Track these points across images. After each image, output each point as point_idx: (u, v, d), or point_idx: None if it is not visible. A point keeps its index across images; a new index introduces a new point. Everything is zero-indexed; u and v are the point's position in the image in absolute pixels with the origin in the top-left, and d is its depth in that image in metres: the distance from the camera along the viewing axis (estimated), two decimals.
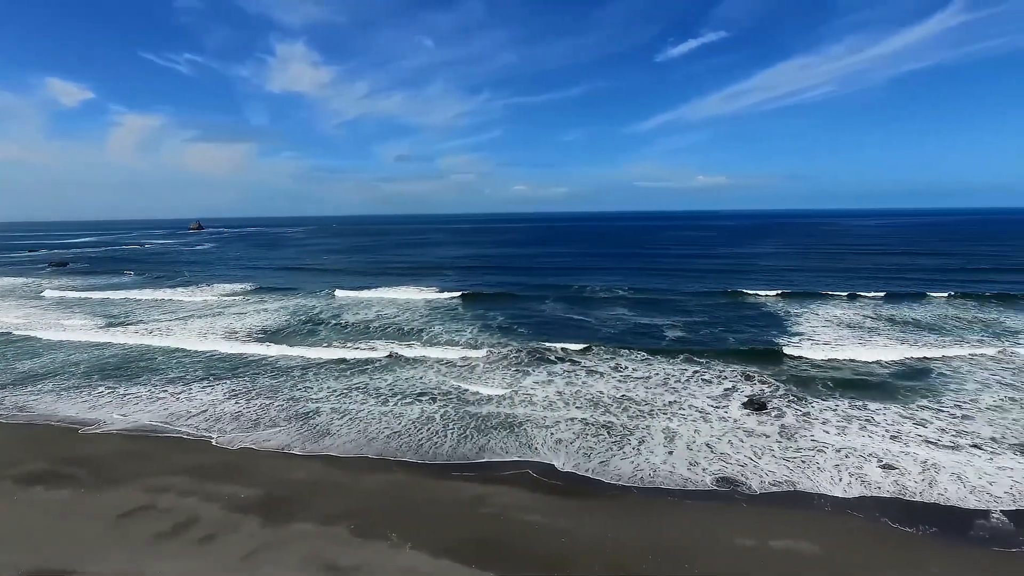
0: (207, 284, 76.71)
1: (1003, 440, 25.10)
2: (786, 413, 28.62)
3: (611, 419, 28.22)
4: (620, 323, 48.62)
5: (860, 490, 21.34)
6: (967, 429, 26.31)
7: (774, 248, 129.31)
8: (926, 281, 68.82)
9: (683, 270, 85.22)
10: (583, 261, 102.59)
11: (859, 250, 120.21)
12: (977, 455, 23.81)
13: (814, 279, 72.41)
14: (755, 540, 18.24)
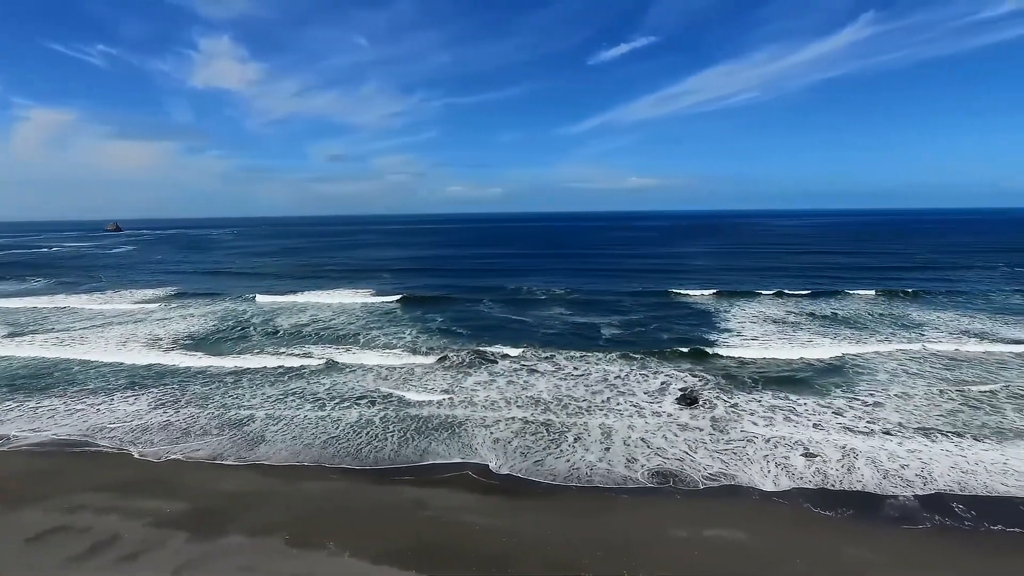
0: (126, 289, 72.52)
1: (908, 425, 26.98)
2: (717, 407, 29.74)
3: (551, 417, 28.54)
4: (558, 323, 49.24)
5: (785, 479, 22.43)
6: (879, 416, 28.13)
7: (704, 248, 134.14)
8: (844, 279, 73.16)
9: (618, 270, 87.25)
10: (520, 262, 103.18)
11: (784, 249, 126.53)
12: (888, 439, 25.49)
13: (742, 278, 75.59)
14: (689, 531, 18.87)
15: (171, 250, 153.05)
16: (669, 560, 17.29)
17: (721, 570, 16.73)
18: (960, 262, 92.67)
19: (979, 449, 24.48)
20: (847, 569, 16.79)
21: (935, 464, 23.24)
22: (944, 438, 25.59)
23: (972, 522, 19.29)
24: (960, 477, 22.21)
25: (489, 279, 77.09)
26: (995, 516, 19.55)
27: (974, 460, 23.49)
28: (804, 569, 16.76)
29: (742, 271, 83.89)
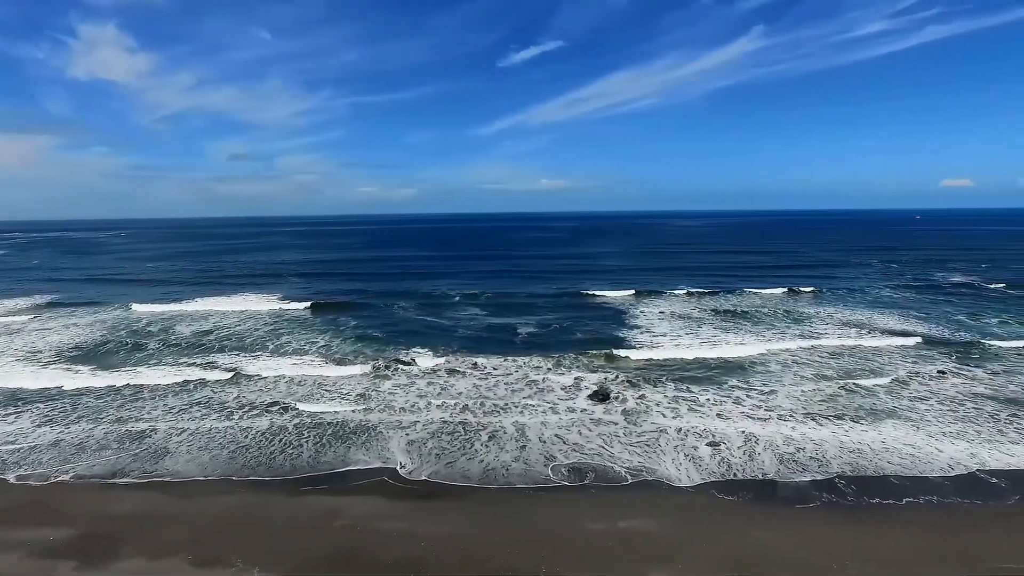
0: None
1: (798, 411, 29.15)
2: (628, 401, 30.83)
3: (469, 418, 28.56)
4: (475, 324, 49.35)
5: (693, 468, 23.60)
6: (774, 404, 30.20)
7: (614, 248, 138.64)
8: (743, 277, 78.07)
9: (533, 271, 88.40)
10: (434, 264, 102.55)
11: (688, 249, 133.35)
12: (783, 425, 27.41)
13: (651, 277, 78.84)
14: (604, 524, 19.46)
15: (50, 255, 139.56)
16: (584, 553, 17.76)
17: (633, 559, 17.38)
18: (840, 260, 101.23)
19: (860, 430, 26.80)
20: (748, 549, 17.89)
21: (825, 445, 25.20)
22: (829, 421, 27.82)
23: (854, 497, 21.09)
24: (846, 456, 24.20)
25: (403, 282, 76.04)
26: (876, 491, 21.45)
27: (856, 440, 25.69)
28: (710, 552, 17.71)
29: (651, 271, 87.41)
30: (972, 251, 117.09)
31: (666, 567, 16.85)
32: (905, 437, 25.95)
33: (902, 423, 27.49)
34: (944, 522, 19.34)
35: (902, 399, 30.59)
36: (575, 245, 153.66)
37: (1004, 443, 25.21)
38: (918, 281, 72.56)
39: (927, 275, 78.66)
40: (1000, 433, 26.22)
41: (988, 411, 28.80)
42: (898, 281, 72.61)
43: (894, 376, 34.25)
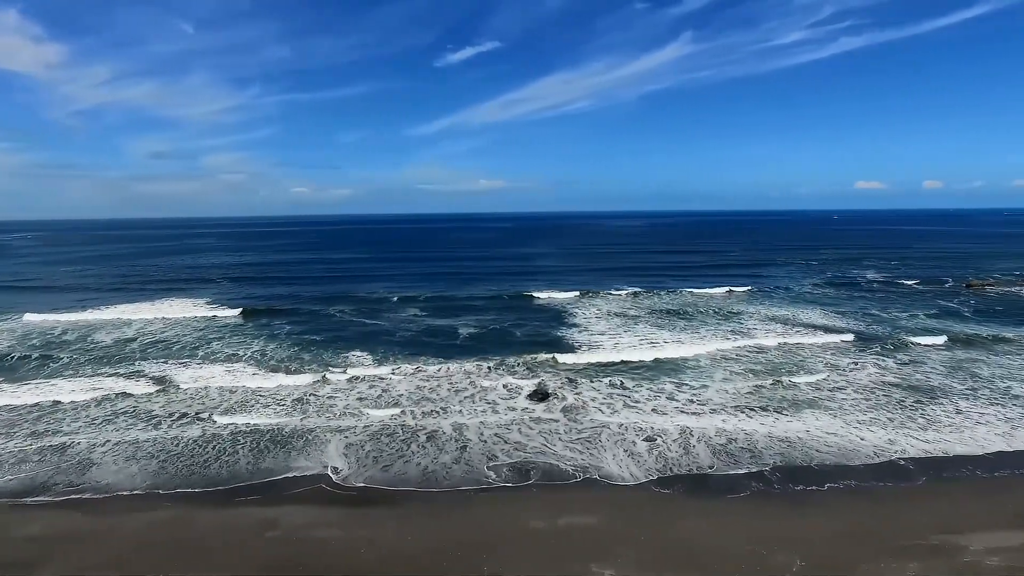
0: None
1: (729, 405, 30.38)
2: (568, 399, 31.29)
3: (409, 421, 28.27)
4: (415, 326, 48.88)
5: (632, 462, 24.20)
6: (706, 398, 31.34)
7: (553, 248, 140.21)
8: (678, 277, 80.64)
9: (472, 273, 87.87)
10: (372, 266, 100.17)
11: (625, 249, 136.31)
12: (715, 418, 28.48)
13: (589, 277, 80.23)
14: (546, 521, 19.67)
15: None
16: (526, 552, 17.91)
17: (575, 556, 17.64)
18: (768, 259, 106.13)
19: (785, 421, 28.18)
20: (682, 538, 18.52)
21: (755, 437, 26.35)
22: (758, 414, 29.12)
23: (781, 485, 22.16)
24: (775, 446, 25.39)
25: (339, 285, 74.29)
26: (801, 478, 22.60)
27: (783, 430, 27.00)
28: (647, 545, 18.21)
29: (589, 271, 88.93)
30: (884, 249, 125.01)
31: (606, 562, 17.21)
32: (827, 426, 27.47)
33: (823, 413, 29.08)
34: (863, 504, 20.59)
35: (824, 390, 32.35)
36: (514, 245, 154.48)
37: (914, 428, 27.07)
38: (836, 279, 76.91)
39: (844, 273, 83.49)
40: (910, 419, 28.15)
41: (897, 399, 30.85)
42: (818, 279, 76.75)
43: (816, 369, 36.19)
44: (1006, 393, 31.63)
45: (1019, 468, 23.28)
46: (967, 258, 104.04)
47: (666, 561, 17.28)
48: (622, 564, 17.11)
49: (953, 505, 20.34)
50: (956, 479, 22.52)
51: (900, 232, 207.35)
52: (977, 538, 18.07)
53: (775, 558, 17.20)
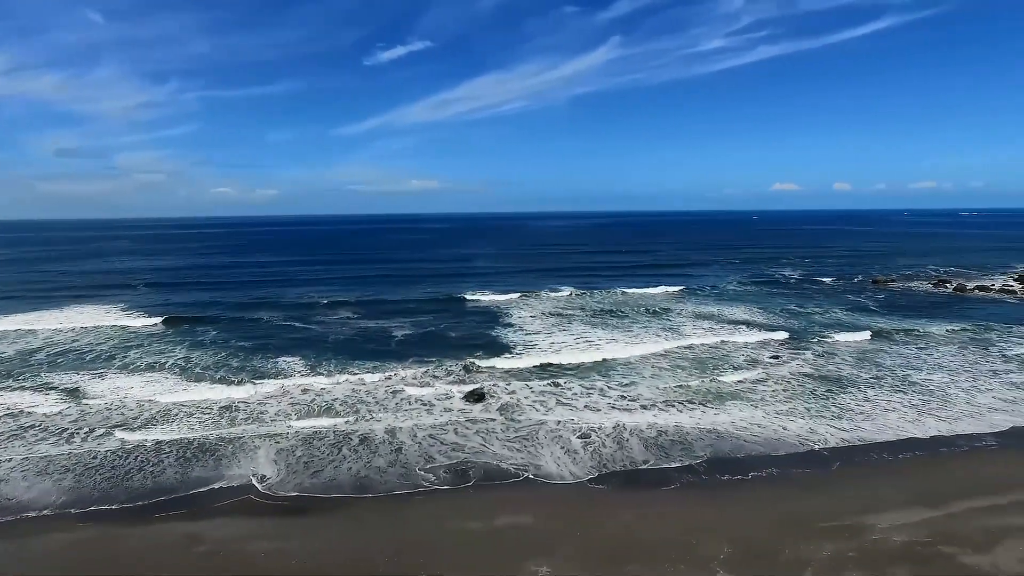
0: None
1: (659, 401, 31.41)
2: (504, 399, 31.51)
3: (342, 426, 27.69)
4: (347, 330, 47.90)
5: (568, 459, 24.62)
6: (637, 394, 32.31)
7: (487, 249, 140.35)
8: (610, 277, 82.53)
9: (406, 275, 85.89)
10: (301, 269, 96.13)
11: (559, 250, 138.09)
12: (647, 414, 29.41)
13: (523, 278, 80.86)
14: (482, 522, 19.72)
15: None
16: (463, 554, 17.91)
17: (511, 555, 17.78)
18: (695, 258, 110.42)
19: (712, 413, 29.41)
20: (617, 532, 19.02)
21: (684, 430, 27.36)
22: (687, 408, 30.25)
23: (708, 475, 23.13)
24: (704, 438, 26.45)
25: (267, 289, 71.26)
26: (728, 468, 23.62)
27: (710, 423, 28.19)
28: (582, 541, 18.61)
29: (524, 272, 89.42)
30: (799, 248, 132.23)
31: (542, 560, 17.46)
32: (751, 418, 28.86)
33: (748, 405, 30.51)
34: (784, 491, 21.77)
35: (748, 384, 33.93)
36: (449, 247, 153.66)
37: (829, 417, 28.84)
38: (758, 277, 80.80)
39: (765, 271, 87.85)
40: (825, 408, 29.98)
41: (814, 389, 32.80)
42: (742, 277, 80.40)
43: (742, 364, 37.95)
44: (905, 380, 34.20)
45: (920, 451, 25.24)
46: (873, 256, 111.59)
47: (601, 555, 17.72)
48: (558, 561, 17.42)
49: (863, 488, 21.81)
50: (866, 463, 24.16)
51: (813, 231, 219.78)
52: (884, 517, 19.48)
53: (705, 546, 17.96)
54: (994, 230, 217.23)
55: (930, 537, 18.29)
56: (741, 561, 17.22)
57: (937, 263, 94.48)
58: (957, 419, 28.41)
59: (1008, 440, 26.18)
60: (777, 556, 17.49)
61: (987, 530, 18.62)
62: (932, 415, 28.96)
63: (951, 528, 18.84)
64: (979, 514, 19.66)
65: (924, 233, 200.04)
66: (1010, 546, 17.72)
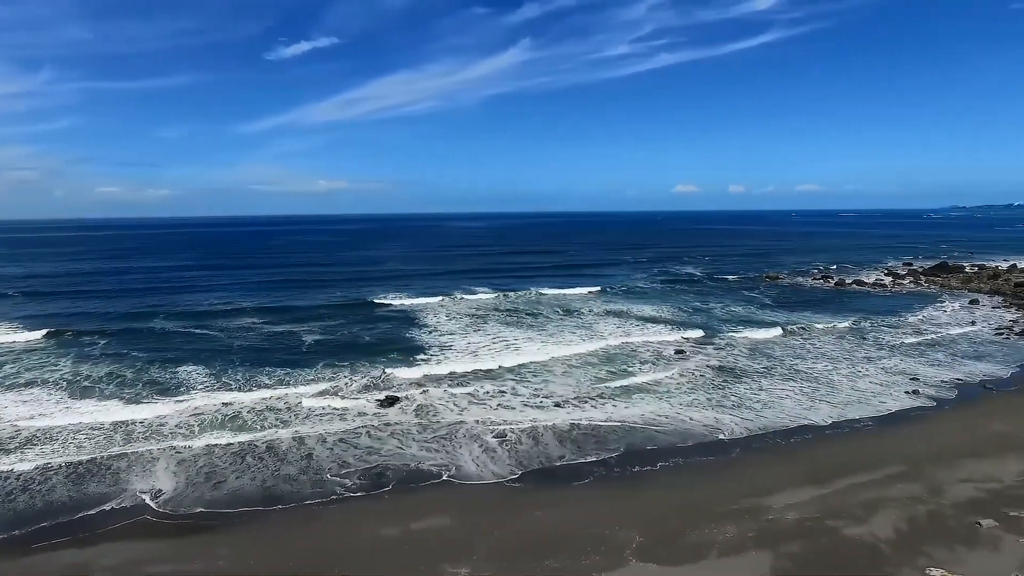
0: None
1: (572, 397, 32.25)
2: (418, 402, 31.23)
3: (251, 435, 26.38)
4: (254, 336, 45.71)
5: (486, 458, 24.74)
6: (551, 391, 33.02)
7: (398, 251, 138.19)
8: (523, 277, 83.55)
9: (314, 279, 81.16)
10: (200, 275, 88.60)
11: (472, 251, 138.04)
12: (560, 411, 30.10)
13: (437, 280, 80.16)
14: (398, 527, 19.44)
15: None
16: (378, 562, 17.57)
17: (429, 559, 17.64)
18: (605, 258, 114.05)
19: (623, 407, 30.58)
20: (534, 529, 19.33)
21: (596, 424, 28.26)
22: (599, 403, 31.27)
23: (620, 468, 24.03)
24: (615, 432, 27.42)
25: (163, 296, 65.16)
26: (638, 459, 24.59)
27: (620, 417, 29.26)
28: (500, 540, 18.77)
29: (438, 274, 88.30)
30: (699, 248, 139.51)
31: (459, 562, 17.48)
32: (659, 410, 30.21)
33: (657, 399, 31.92)
34: (689, 479, 22.95)
35: (657, 378, 35.45)
36: (359, 249, 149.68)
37: (729, 406, 30.69)
38: (663, 275, 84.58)
39: (669, 269, 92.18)
40: (725, 398, 31.91)
41: (716, 381, 34.80)
42: (647, 274, 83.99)
43: (651, 359, 39.65)
44: (792, 369, 37.02)
45: (808, 434, 27.38)
46: (766, 254, 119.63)
47: (519, 553, 17.98)
48: (476, 561, 17.53)
49: (760, 471, 23.39)
50: (763, 448, 25.91)
51: (712, 231, 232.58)
52: (778, 498, 21.02)
53: (617, 537, 18.67)
54: (867, 229, 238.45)
55: (818, 513, 19.93)
56: (651, 548, 18.05)
57: (821, 260, 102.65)
58: (842, 404, 31.00)
59: (883, 421, 28.92)
60: (684, 541, 18.45)
61: (866, 503, 20.52)
62: (822, 401, 31.49)
63: (836, 503, 20.61)
64: (859, 489, 21.63)
65: (809, 232, 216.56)
66: (884, 515, 19.63)
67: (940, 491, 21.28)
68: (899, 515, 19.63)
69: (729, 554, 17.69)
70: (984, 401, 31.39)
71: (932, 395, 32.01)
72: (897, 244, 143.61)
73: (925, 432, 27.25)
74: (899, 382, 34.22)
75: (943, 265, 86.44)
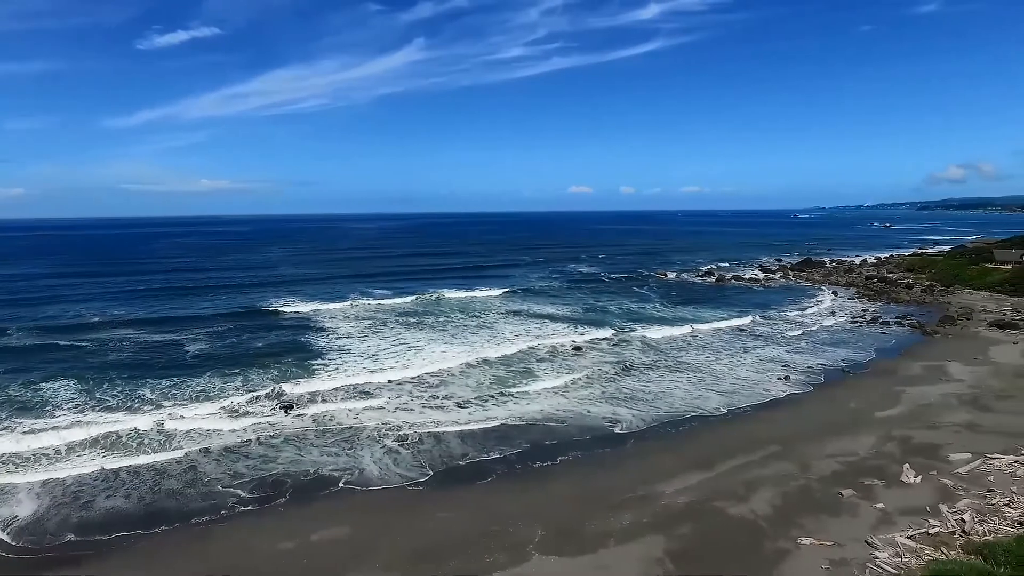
0: None
1: (473, 397, 32.45)
2: (316, 408, 30.18)
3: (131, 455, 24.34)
4: (131, 346, 41.89)
5: (390, 462, 24.26)
6: (451, 393, 33.00)
7: (290, 254, 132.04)
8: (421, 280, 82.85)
9: (200, 286, 74.34)
10: (62, 283, 77.83)
11: (366, 252, 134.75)
12: (462, 412, 30.20)
13: (329, 284, 77.27)
14: (296, 540, 18.70)
15: None
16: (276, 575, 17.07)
17: (328, 570, 17.14)
18: (502, 259, 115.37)
19: (524, 404, 31.16)
20: (437, 530, 19.24)
21: (497, 423, 28.56)
22: (499, 401, 31.68)
23: (521, 464, 24.49)
24: (516, 430, 27.88)
25: (18, 308, 57.51)
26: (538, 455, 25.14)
27: (521, 414, 29.80)
28: (404, 544, 18.51)
29: (332, 279, 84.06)
30: (594, 247, 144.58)
31: (360, 571, 17.10)
32: (559, 405, 31.06)
33: (554, 394, 32.81)
34: (588, 470, 23.76)
35: (556, 375, 36.40)
36: (247, 252, 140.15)
37: (622, 399, 32.14)
38: (559, 274, 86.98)
39: (564, 268, 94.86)
40: (619, 391, 33.35)
41: (612, 375, 36.30)
42: (544, 273, 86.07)
43: (549, 356, 40.63)
44: (681, 362, 39.35)
45: (695, 422, 29.20)
46: (655, 252, 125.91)
47: (422, 556, 17.79)
48: (377, 570, 17.19)
49: (653, 460, 24.66)
50: (655, 437, 27.34)
51: (605, 231, 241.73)
52: (670, 484, 22.27)
53: (520, 533, 18.99)
54: (744, 228, 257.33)
55: (706, 495, 21.33)
56: (553, 541, 18.54)
57: (704, 257, 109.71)
58: (726, 392, 33.33)
59: (761, 407, 31.38)
60: (584, 532, 19.10)
61: (746, 483, 22.22)
62: (708, 390, 33.69)
63: (721, 485, 22.15)
64: (740, 470, 23.38)
65: (694, 231, 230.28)
66: (762, 493, 21.35)
67: (809, 467, 23.44)
68: (775, 492, 21.42)
69: (626, 541, 18.52)
70: (844, 384, 34.88)
71: (801, 380, 35.18)
72: (769, 242, 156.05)
73: (796, 414, 29.89)
74: (773, 369, 37.27)
75: (808, 261, 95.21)
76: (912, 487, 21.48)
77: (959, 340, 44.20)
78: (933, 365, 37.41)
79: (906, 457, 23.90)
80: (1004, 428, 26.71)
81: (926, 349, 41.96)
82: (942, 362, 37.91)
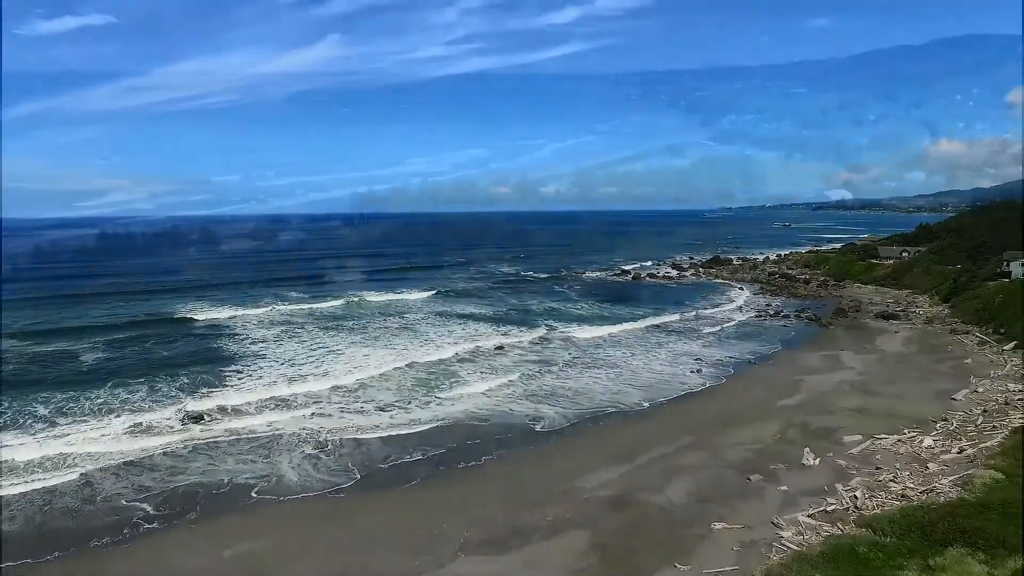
0: None
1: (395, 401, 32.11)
2: (228, 417, 28.98)
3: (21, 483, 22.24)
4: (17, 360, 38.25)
5: (311, 468, 23.54)
6: (371, 397, 32.46)
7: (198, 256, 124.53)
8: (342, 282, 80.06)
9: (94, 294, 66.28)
10: None
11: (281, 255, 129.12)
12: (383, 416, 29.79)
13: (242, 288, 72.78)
14: (208, 557, 17.84)
15: None
16: None
17: None
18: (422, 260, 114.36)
19: (448, 405, 31.08)
20: (362, 537, 18.85)
21: (419, 425, 28.33)
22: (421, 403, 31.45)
23: (446, 465, 24.43)
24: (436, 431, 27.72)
25: None
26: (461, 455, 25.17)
27: (444, 415, 29.73)
28: (324, 553, 18.04)
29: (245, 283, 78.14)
30: (515, 247, 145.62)
31: None
32: (483, 405, 31.22)
33: (478, 395, 32.92)
34: (512, 469, 24.03)
35: (478, 375, 36.55)
36: (149, 255, 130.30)
37: (543, 396, 32.72)
38: (480, 274, 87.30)
39: (486, 269, 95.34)
40: (541, 388, 33.93)
41: (533, 373, 36.85)
42: (467, 274, 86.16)
43: (470, 357, 40.71)
44: (600, 358, 40.54)
45: (615, 417, 30.15)
46: (573, 252, 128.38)
47: (345, 566, 17.44)
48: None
49: (575, 455, 25.26)
50: (577, 433, 28.03)
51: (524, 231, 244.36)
52: (592, 478, 22.89)
53: (446, 534, 18.94)
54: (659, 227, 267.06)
55: (626, 487, 22.08)
56: (479, 541, 18.63)
57: (620, 256, 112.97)
58: (643, 387, 34.62)
59: (676, 399, 32.80)
60: (509, 530, 19.32)
61: (663, 473, 23.20)
62: (627, 384, 34.88)
63: (640, 477, 22.99)
64: (658, 461, 24.37)
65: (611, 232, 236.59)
66: (678, 483, 22.36)
67: (720, 455, 24.76)
68: (690, 481, 22.49)
69: (550, 537, 18.89)
70: (751, 375, 37.06)
71: (713, 373, 37.05)
72: (682, 241, 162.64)
73: (708, 405, 31.47)
74: (687, 363, 39.03)
75: (717, 259, 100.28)
76: (812, 469, 23.13)
77: (850, 331, 47.97)
78: (829, 355, 40.41)
79: (806, 441, 25.70)
80: (889, 411, 29.27)
81: (822, 340, 45.33)
82: (836, 351, 41.04)
